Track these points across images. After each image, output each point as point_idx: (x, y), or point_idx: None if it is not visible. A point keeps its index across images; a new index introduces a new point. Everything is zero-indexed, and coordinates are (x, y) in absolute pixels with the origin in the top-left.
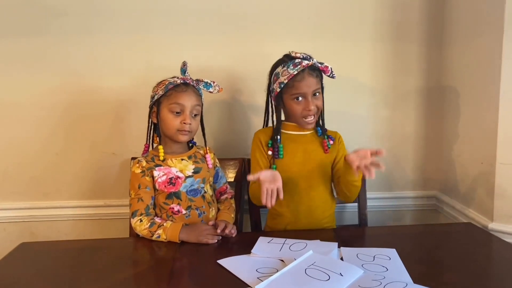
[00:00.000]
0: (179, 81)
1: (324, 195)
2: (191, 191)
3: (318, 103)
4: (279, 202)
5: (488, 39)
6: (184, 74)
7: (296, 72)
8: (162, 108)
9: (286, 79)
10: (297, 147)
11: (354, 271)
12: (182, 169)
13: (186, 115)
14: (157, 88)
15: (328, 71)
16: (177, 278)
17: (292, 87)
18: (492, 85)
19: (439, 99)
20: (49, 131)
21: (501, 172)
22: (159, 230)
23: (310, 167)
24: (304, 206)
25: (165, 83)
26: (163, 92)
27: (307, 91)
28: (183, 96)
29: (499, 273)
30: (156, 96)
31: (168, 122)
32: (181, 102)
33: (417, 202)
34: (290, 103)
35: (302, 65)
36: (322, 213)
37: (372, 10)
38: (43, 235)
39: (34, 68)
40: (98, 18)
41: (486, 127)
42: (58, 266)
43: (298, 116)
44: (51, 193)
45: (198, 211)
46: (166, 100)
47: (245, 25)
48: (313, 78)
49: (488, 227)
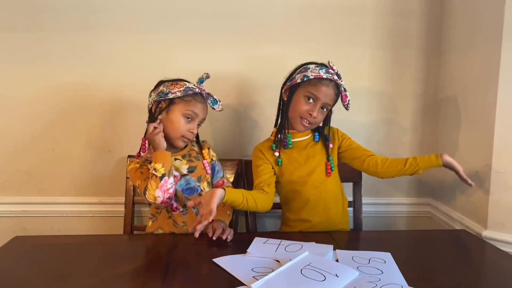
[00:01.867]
0: (197, 90)
1: (335, 195)
2: (187, 190)
3: (319, 117)
4: (294, 212)
5: (486, 49)
6: (201, 85)
7: (326, 77)
8: (175, 109)
9: (314, 76)
10: (300, 153)
11: (350, 273)
12: (177, 168)
13: (195, 125)
14: (173, 87)
15: (346, 101)
16: (172, 276)
17: (313, 86)
18: (489, 94)
19: (435, 107)
20: (46, 127)
21: (496, 180)
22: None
23: (317, 172)
24: (321, 213)
25: (183, 85)
26: (181, 94)
27: (322, 98)
28: (200, 107)
29: (492, 279)
30: (172, 95)
31: (177, 125)
32: (197, 112)
33: (411, 209)
34: (299, 99)
35: (333, 77)
36: (336, 215)
37: (371, 17)
38: (35, 230)
39: (31, 64)
40: (97, 15)
41: (482, 135)
42: (52, 260)
43: (297, 114)
44: (46, 188)
45: (195, 209)
46: (183, 103)
47: (244, 29)
48: (333, 92)
49: (482, 234)
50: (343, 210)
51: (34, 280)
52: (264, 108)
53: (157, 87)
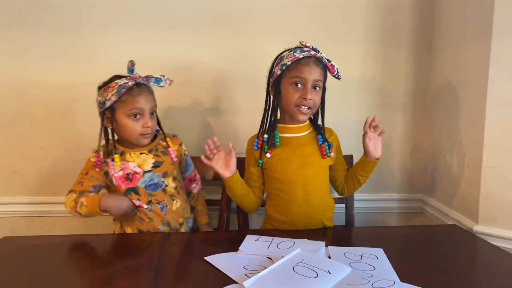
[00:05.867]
0: (130, 83)
1: (322, 200)
2: (151, 186)
3: (316, 98)
4: (276, 209)
5: (477, 45)
6: (132, 73)
7: (302, 56)
8: (118, 114)
9: (290, 61)
10: (293, 151)
11: (342, 269)
12: (141, 164)
13: (147, 119)
14: (106, 93)
15: (334, 71)
16: (164, 275)
17: (294, 70)
18: (479, 90)
19: (426, 103)
20: (34, 126)
21: (486, 175)
22: (81, 198)
23: (307, 174)
24: (302, 214)
25: (114, 87)
26: (116, 97)
27: (309, 77)
28: (141, 99)
29: (483, 273)
30: (108, 102)
31: (128, 128)
32: (140, 106)
33: (403, 205)
34: (287, 88)
35: (310, 53)
36: (321, 217)
37: (362, 14)
38: (25, 231)
39: (17, 62)
40: (86, 12)
41: (472, 130)
42: (41, 260)
43: (292, 105)
44: (34, 188)
45: (159, 205)
46: (122, 105)
47: (236, 25)
48: (318, 68)
49: (473, 229)
50: (328, 211)
51: (23, 281)
52: (255, 104)
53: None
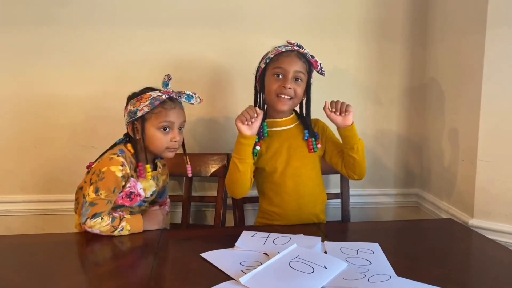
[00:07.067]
0: (164, 96)
1: (313, 190)
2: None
3: (298, 89)
4: (268, 201)
5: (471, 39)
6: (167, 88)
7: (285, 50)
8: (148, 125)
9: (273, 54)
10: (282, 144)
11: (338, 264)
12: (146, 188)
13: (176, 133)
14: (139, 103)
15: (317, 66)
16: (160, 272)
17: (276, 61)
18: (473, 84)
19: (421, 97)
20: (28, 124)
21: (481, 169)
22: (122, 222)
23: (296, 165)
24: (293, 204)
25: (148, 97)
26: (149, 108)
27: (289, 68)
28: (173, 113)
29: (479, 267)
30: (140, 112)
31: (157, 139)
32: (171, 120)
33: (398, 199)
34: (269, 80)
35: (294, 48)
36: (312, 208)
37: (356, 9)
38: (19, 229)
39: (11, 61)
40: (90, 10)
41: (467, 125)
42: (36, 259)
43: (272, 94)
44: (29, 186)
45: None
46: (154, 117)
47: (231, 22)
48: (299, 60)
49: (469, 223)
50: (320, 203)
51: (18, 280)
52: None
53: (127, 105)
